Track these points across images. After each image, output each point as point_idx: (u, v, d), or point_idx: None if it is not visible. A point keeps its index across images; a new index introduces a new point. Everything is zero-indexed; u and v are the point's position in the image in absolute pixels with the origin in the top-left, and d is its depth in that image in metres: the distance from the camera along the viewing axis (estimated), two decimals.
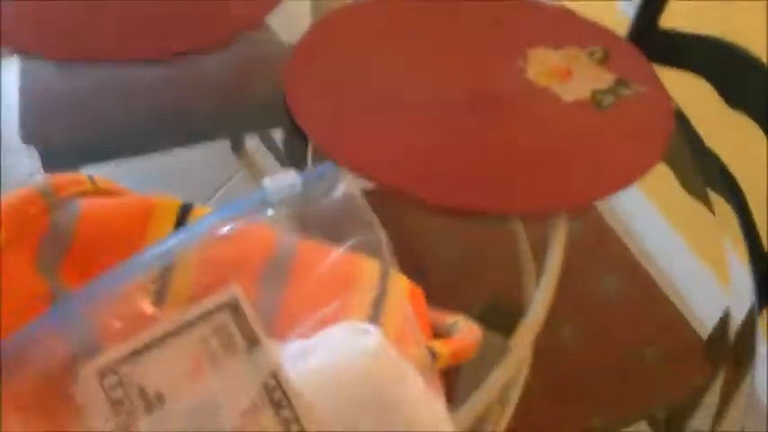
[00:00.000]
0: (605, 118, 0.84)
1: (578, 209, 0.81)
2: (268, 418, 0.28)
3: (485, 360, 0.63)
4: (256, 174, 1.00)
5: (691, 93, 1.00)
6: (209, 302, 0.29)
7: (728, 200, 0.97)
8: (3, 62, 0.97)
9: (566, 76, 0.88)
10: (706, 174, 0.92)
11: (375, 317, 0.38)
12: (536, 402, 0.78)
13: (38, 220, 0.39)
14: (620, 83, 0.87)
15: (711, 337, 1.02)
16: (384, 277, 0.42)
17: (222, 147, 1.21)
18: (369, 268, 0.40)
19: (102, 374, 0.27)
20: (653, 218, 1.75)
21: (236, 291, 0.30)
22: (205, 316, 0.29)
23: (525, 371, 0.73)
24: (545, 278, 0.67)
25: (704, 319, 1.22)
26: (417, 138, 0.81)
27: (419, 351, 0.38)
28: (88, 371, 0.27)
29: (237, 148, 1.05)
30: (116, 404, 0.27)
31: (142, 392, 0.27)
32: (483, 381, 0.61)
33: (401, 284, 0.42)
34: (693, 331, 1.03)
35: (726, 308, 0.96)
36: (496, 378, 0.59)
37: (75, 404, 0.28)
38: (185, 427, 0.28)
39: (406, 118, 0.82)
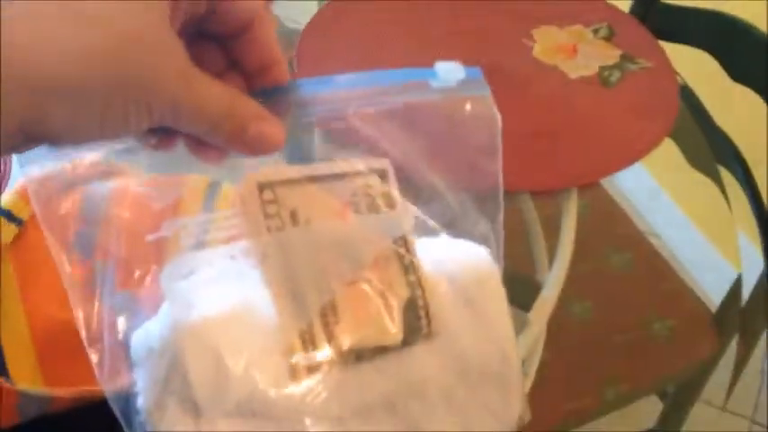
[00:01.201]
0: (612, 94, 0.84)
1: (587, 184, 0.82)
2: (396, 275, 0.30)
3: None
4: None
5: (695, 68, 1.01)
6: (363, 164, 0.31)
7: (735, 173, 0.98)
8: None
9: (572, 53, 0.88)
10: (714, 148, 0.92)
11: None
12: (549, 377, 0.79)
13: (63, 199, 0.40)
14: (625, 58, 0.87)
15: (721, 310, 1.03)
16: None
17: None
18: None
19: (261, 188, 0.29)
20: (658, 195, 1.75)
21: (387, 163, 0.32)
22: (356, 174, 0.31)
23: (541, 346, 0.74)
24: (561, 251, 0.68)
25: (711, 292, 1.24)
26: None
27: None
28: (250, 181, 0.29)
29: None
30: (268, 218, 0.28)
31: (293, 215, 0.29)
32: None
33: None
34: (702, 305, 1.04)
35: (736, 278, 0.97)
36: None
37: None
38: (327, 255, 0.29)
39: None
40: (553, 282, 0.65)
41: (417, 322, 0.31)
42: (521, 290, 0.72)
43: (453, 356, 0.32)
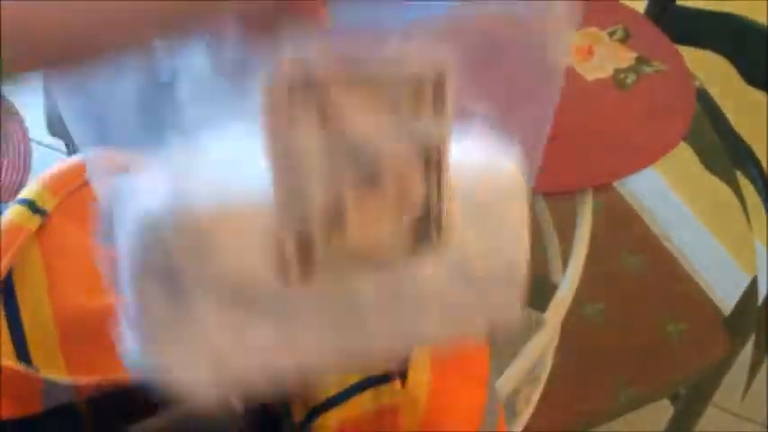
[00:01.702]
0: (627, 96, 0.84)
1: (601, 186, 0.82)
2: (416, 182, 0.29)
3: (517, 335, 0.64)
4: None
5: (709, 70, 1.01)
6: (419, 62, 0.28)
7: (751, 177, 0.97)
8: None
9: (587, 54, 0.88)
10: (731, 152, 0.92)
11: None
12: (562, 378, 0.80)
13: (87, 190, 0.41)
14: (641, 61, 0.87)
15: (734, 313, 1.03)
16: None
17: None
18: None
19: (292, 87, 0.27)
20: (670, 197, 1.75)
21: (448, 63, 0.29)
22: (409, 72, 0.28)
23: (553, 349, 0.74)
24: (576, 251, 0.68)
25: (723, 296, 1.23)
26: None
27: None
28: (280, 76, 0.27)
29: None
30: (293, 117, 0.27)
31: (323, 114, 0.28)
32: (515, 355, 0.61)
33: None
34: (715, 308, 1.04)
35: (751, 281, 0.96)
36: (531, 351, 0.60)
37: None
38: (345, 160, 0.28)
39: None
40: (569, 281, 0.65)
41: (427, 234, 0.30)
42: (535, 291, 0.72)
43: (459, 266, 0.31)
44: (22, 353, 0.33)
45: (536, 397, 0.70)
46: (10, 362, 0.32)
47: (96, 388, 0.32)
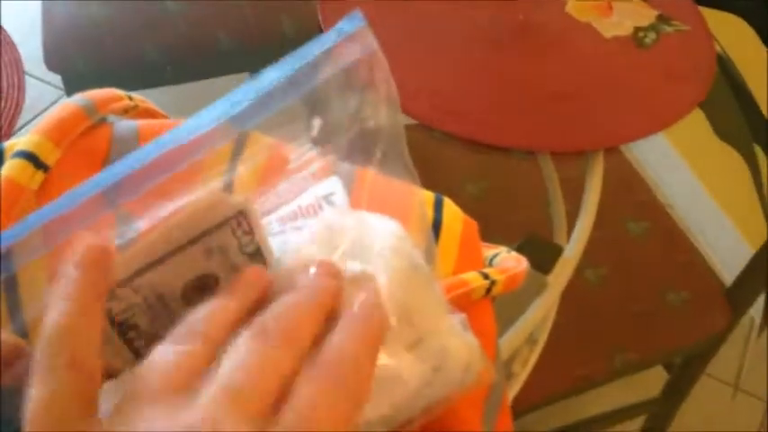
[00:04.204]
0: (646, 56, 0.81)
1: (613, 148, 0.80)
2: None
3: (520, 296, 0.62)
4: None
5: (731, 35, 0.97)
6: (225, 210, 0.28)
7: (765, 148, 0.95)
8: None
9: (606, 11, 0.85)
10: (750, 122, 0.90)
11: (431, 245, 0.36)
12: (560, 342, 0.78)
13: (91, 140, 0.38)
14: (661, 19, 0.84)
15: (735, 284, 1.01)
16: (439, 206, 0.41)
17: (241, 80, 1.19)
18: (422, 196, 0.39)
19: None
20: (679, 167, 1.73)
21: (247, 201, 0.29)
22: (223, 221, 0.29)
23: (554, 311, 0.72)
24: (584, 213, 0.66)
25: (724, 268, 1.22)
26: (450, 71, 0.79)
27: (476, 277, 0.37)
28: None
29: None
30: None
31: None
32: (517, 317, 0.60)
33: (456, 213, 0.41)
34: (716, 278, 1.03)
35: (763, 245, 0.94)
36: (534, 313, 0.58)
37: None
38: None
39: (441, 51, 0.80)
40: (574, 245, 0.63)
41: None
42: (539, 252, 0.71)
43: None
44: (20, 329, 0.31)
45: (534, 359, 0.69)
46: (11, 336, 0.30)
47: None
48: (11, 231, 0.26)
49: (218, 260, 0.29)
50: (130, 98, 0.42)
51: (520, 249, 0.45)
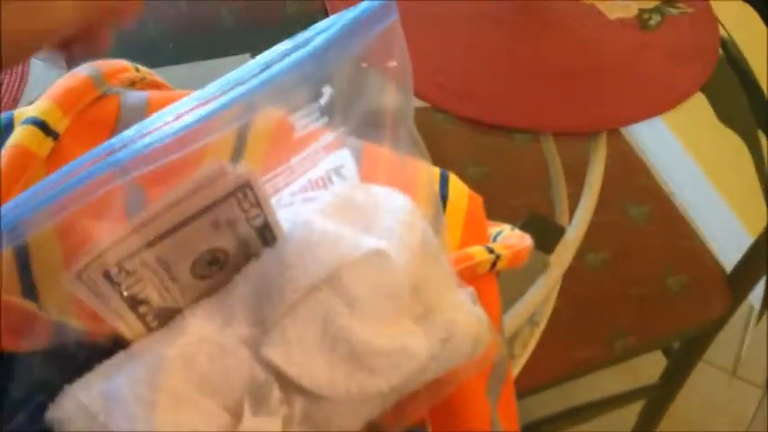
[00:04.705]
0: (650, 38, 0.81)
1: (615, 130, 0.79)
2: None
3: (522, 276, 0.62)
4: None
5: (735, 19, 0.97)
6: (229, 183, 0.28)
7: (767, 132, 0.94)
8: None
9: None
10: (753, 108, 0.89)
11: (438, 219, 0.36)
12: (560, 325, 0.78)
13: (99, 109, 0.37)
14: (666, 2, 0.84)
15: (736, 270, 1.01)
16: (444, 181, 0.40)
17: (244, 60, 1.18)
18: (429, 172, 0.38)
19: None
20: (680, 152, 1.72)
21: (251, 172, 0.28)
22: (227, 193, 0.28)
23: (555, 293, 0.72)
24: (587, 194, 0.65)
25: (722, 254, 1.22)
26: (454, 51, 0.78)
27: (481, 252, 0.37)
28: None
29: None
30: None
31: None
32: (518, 297, 0.60)
33: (461, 188, 0.41)
34: (717, 264, 1.03)
35: (763, 230, 0.94)
36: (535, 293, 0.58)
37: None
38: None
39: (445, 31, 0.80)
40: (576, 226, 0.63)
41: None
42: (542, 232, 0.70)
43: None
44: (31, 296, 0.30)
45: (534, 341, 0.69)
46: (19, 300, 0.29)
47: (106, 338, 0.29)
48: (22, 199, 0.26)
49: (226, 233, 0.29)
50: (138, 69, 0.41)
51: (522, 229, 0.45)
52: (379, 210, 0.31)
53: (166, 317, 0.29)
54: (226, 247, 0.29)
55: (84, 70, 0.38)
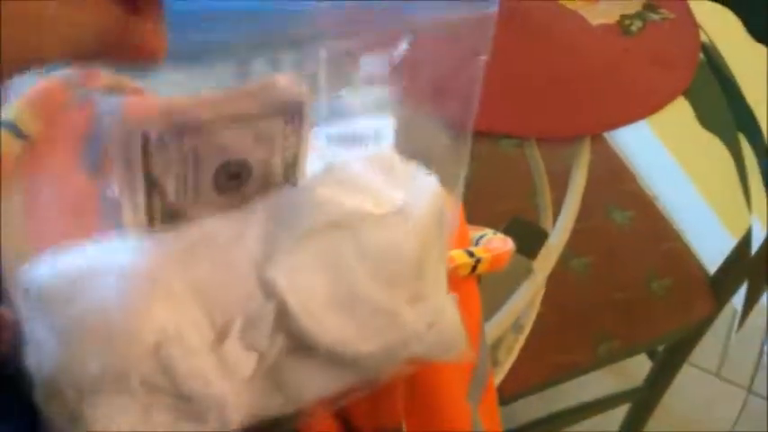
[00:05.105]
0: (632, 43, 0.81)
1: (598, 134, 0.80)
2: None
3: (505, 281, 0.62)
4: None
5: (716, 24, 0.98)
6: (284, 96, 0.28)
7: (752, 142, 0.95)
8: None
9: None
10: (734, 113, 0.90)
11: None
12: (544, 330, 0.78)
13: (72, 113, 0.37)
14: (648, 7, 0.84)
15: (718, 273, 1.02)
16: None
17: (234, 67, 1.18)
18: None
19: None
20: (663, 156, 1.73)
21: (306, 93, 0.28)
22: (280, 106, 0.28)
23: (539, 298, 0.72)
24: (569, 201, 0.66)
25: (706, 258, 1.23)
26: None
27: (461, 255, 0.37)
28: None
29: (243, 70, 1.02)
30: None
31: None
32: (502, 303, 0.60)
33: (439, 192, 0.41)
34: (700, 267, 1.03)
35: (746, 231, 0.95)
36: (519, 299, 0.58)
37: None
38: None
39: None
40: (560, 231, 0.63)
41: None
42: (525, 237, 0.71)
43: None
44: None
45: (518, 347, 0.69)
46: None
47: None
48: None
49: (260, 151, 0.28)
50: (116, 76, 0.41)
51: (505, 233, 0.45)
52: (411, 179, 0.32)
53: (171, 216, 0.28)
54: (252, 165, 0.29)
55: (59, 74, 0.38)
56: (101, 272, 0.26)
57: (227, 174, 0.28)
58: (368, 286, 0.29)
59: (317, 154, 0.31)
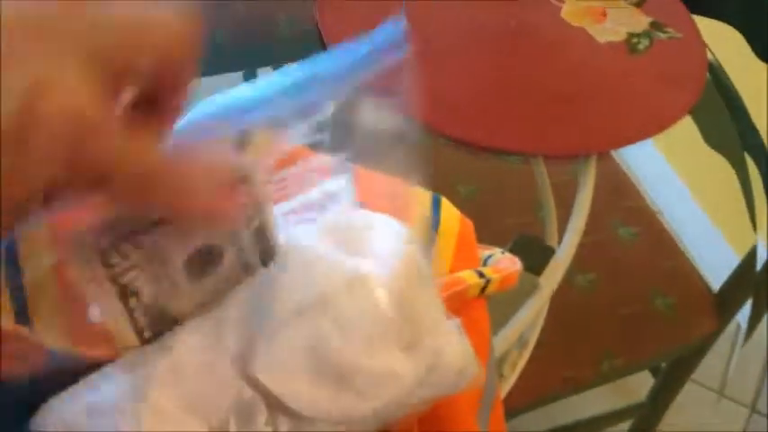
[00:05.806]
0: (638, 62, 0.82)
1: (605, 152, 0.80)
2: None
3: (511, 297, 0.62)
4: None
5: (723, 44, 0.98)
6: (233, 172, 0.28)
7: (757, 162, 0.95)
8: None
9: (601, 17, 0.85)
10: (740, 132, 0.90)
11: (429, 244, 0.37)
12: (548, 345, 0.79)
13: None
14: (655, 26, 0.85)
15: (723, 290, 1.02)
16: (436, 205, 0.41)
17: (235, 78, 1.19)
18: (422, 196, 0.39)
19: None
20: (668, 174, 1.74)
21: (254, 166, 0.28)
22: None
23: (544, 314, 0.73)
24: (575, 218, 0.66)
25: (710, 275, 1.23)
26: (445, 73, 0.79)
27: (472, 276, 0.37)
28: None
29: (250, 79, 1.03)
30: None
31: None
32: (508, 318, 0.60)
33: (453, 212, 0.41)
34: (704, 284, 1.03)
35: (750, 249, 0.95)
36: (525, 314, 0.58)
37: None
38: None
39: (436, 53, 0.81)
40: (567, 246, 0.63)
41: None
42: (531, 253, 0.71)
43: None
44: (23, 317, 0.30)
45: (523, 362, 0.69)
46: (11, 325, 0.29)
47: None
48: None
49: (224, 232, 0.28)
50: None
51: (511, 250, 0.45)
52: (374, 235, 0.31)
53: (155, 317, 0.28)
54: (222, 246, 0.29)
55: None
56: (102, 414, 0.27)
57: (199, 261, 0.28)
58: (353, 356, 0.29)
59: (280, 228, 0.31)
